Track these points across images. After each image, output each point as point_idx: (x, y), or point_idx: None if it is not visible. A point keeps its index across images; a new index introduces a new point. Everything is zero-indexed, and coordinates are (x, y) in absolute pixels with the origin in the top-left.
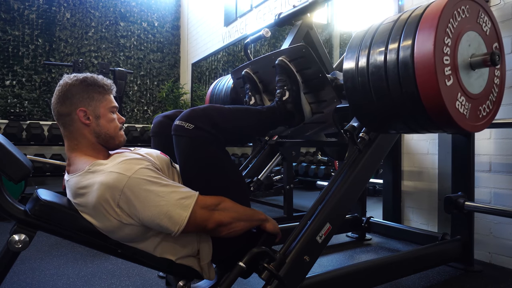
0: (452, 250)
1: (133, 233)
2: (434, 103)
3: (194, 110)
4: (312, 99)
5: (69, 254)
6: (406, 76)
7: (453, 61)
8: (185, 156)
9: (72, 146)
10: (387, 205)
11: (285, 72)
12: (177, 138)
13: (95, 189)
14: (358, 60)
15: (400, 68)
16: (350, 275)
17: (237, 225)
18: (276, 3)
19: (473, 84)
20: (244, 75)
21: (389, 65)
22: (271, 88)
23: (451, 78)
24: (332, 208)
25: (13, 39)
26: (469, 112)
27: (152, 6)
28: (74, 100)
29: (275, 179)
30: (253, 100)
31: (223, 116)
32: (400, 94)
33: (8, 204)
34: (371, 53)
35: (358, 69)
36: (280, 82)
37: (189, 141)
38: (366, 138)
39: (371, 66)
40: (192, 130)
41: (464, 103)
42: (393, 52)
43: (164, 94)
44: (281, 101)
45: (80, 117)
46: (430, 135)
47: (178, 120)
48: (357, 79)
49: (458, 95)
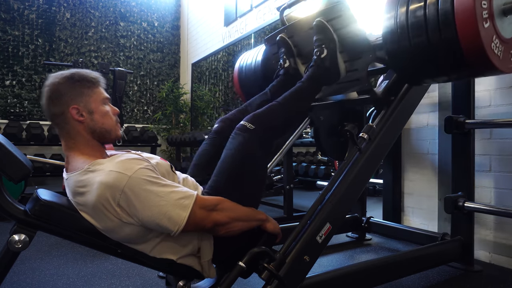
0: (452, 250)
1: (133, 233)
2: (473, 43)
3: (255, 114)
4: (347, 57)
5: (69, 254)
6: (445, 22)
7: (490, 6)
8: (238, 146)
9: (69, 145)
10: (387, 205)
11: (323, 32)
12: (237, 134)
13: (95, 188)
14: (397, 13)
15: (440, 16)
16: (350, 275)
17: (235, 225)
18: (276, 3)
19: (506, 29)
20: (279, 40)
21: (429, 14)
22: (305, 52)
23: (488, 22)
24: (332, 208)
25: (13, 39)
26: (502, 54)
27: (152, 6)
28: (64, 99)
29: (275, 179)
30: (288, 63)
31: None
32: (440, 40)
33: (8, 204)
34: (410, 8)
35: (398, 23)
36: (318, 41)
37: (248, 137)
38: (366, 138)
39: (410, 17)
40: (252, 130)
41: (498, 45)
42: (432, 3)
43: (164, 94)
44: (320, 58)
45: (73, 115)
46: (430, 134)
47: (243, 121)
48: (397, 31)
49: (494, 37)
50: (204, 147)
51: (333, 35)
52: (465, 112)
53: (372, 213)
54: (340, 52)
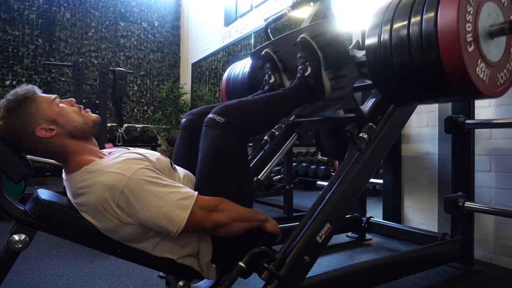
0: (452, 250)
1: (133, 233)
2: (456, 68)
3: (226, 106)
4: (332, 75)
5: (69, 254)
6: (429, 45)
7: (475, 28)
8: (211, 145)
9: (64, 158)
10: (387, 205)
11: (306, 49)
12: (207, 129)
13: (95, 189)
14: (381, 33)
15: (423, 37)
16: (350, 275)
17: (236, 225)
18: (276, 3)
19: (492, 52)
20: (264, 54)
21: (412, 37)
22: (291, 67)
23: (472, 45)
24: (332, 208)
25: (13, 39)
26: (488, 78)
27: (152, 6)
28: (24, 132)
29: (275, 179)
30: (273, 78)
31: (252, 109)
32: (423, 63)
33: (8, 204)
34: (394, 26)
35: (381, 41)
36: (302, 59)
37: (219, 133)
38: (366, 138)
39: (394, 38)
40: (222, 124)
41: (484, 69)
42: (416, 23)
43: (164, 94)
44: (303, 76)
45: (44, 135)
46: (430, 134)
47: (211, 113)
48: (380, 51)
49: (479, 61)
50: (177, 146)
51: (317, 52)
52: (465, 112)
53: (372, 213)
54: (326, 70)
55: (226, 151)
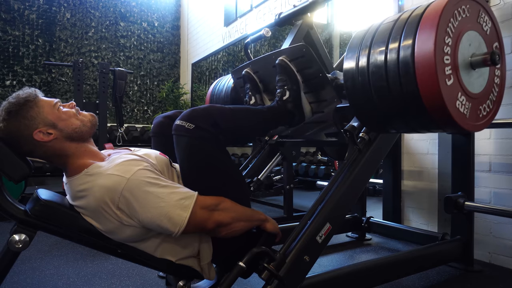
0: (452, 250)
1: (134, 234)
2: (434, 102)
3: (194, 110)
4: (312, 98)
5: (69, 254)
6: (406, 75)
7: (454, 60)
8: (185, 155)
9: (63, 161)
10: (387, 205)
11: (285, 71)
12: (177, 137)
13: (95, 191)
14: (359, 59)
15: (400, 67)
16: (350, 275)
17: (237, 225)
18: (276, 3)
19: (474, 83)
20: (244, 74)
21: (389, 65)
22: (272, 88)
23: (452, 78)
24: (332, 208)
25: (13, 39)
26: (469, 111)
27: (152, 6)
28: (23, 135)
29: (275, 179)
30: (253, 99)
31: (224, 116)
32: (401, 94)
33: (8, 204)
34: (372, 53)
35: (359, 68)
36: (281, 82)
37: (190, 141)
38: (366, 138)
39: (371, 65)
40: (193, 130)
41: (464, 102)
42: (393, 51)
43: (164, 94)
44: (282, 100)
45: (42, 139)
46: (430, 135)
47: (178, 120)
48: (358, 79)
49: (459, 94)
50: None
51: (296, 75)
52: None
53: (372, 213)
54: (306, 93)
55: (201, 156)
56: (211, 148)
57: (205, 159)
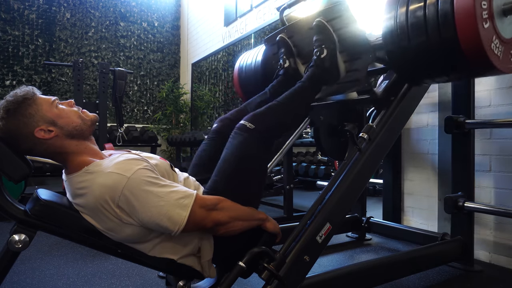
0: (452, 250)
1: (133, 233)
2: (473, 44)
3: (255, 114)
4: (347, 57)
5: (69, 254)
6: (445, 23)
7: (489, 7)
8: (238, 146)
9: (63, 158)
10: (387, 205)
11: (323, 32)
12: (237, 134)
13: (94, 190)
14: (397, 14)
15: (440, 16)
16: (350, 275)
17: (235, 224)
18: (276, 3)
19: (506, 29)
20: (279, 40)
21: (428, 15)
22: (305, 53)
23: (488, 22)
24: (332, 208)
25: (13, 39)
26: (502, 54)
27: (152, 6)
28: (23, 133)
29: (275, 179)
30: (288, 63)
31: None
32: (439, 40)
33: (8, 204)
34: (410, 8)
35: (398, 23)
36: (318, 42)
37: (247, 137)
38: (366, 138)
39: (410, 17)
40: (252, 130)
41: (498, 45)
42: (432, 4)
43: (164, 94)
44: (319, 59)
45: (42, 136)
46: (430, 134)
47: (243, 120)
48: (396, 32)
49: (493, 37)
50: (203, 147)
51: (333, 35)
52: (465, 112)
53: (372, 213)
54: (340, 52)
55: (250, 153)
56: (260, 149)
57: (252, 155)
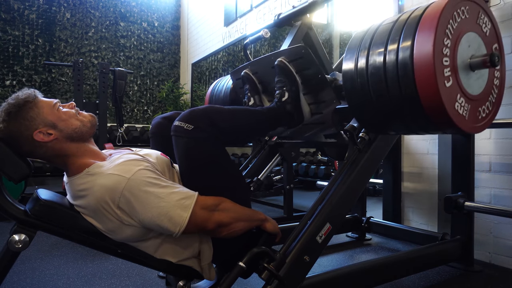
0: (452, 250)
1: (134, 234)
2: (433, 104)
3: (193, 111)
4: (311, 99)
5: (69, 254)
6: (405, 77)
7: (453, 62)
8: (184, 156)
9: (63, 161)
10: (387, 205)
11: (284, 73)
12: (176, 138)
13: (95, 191)
14: (357, 61)
15: (399, 69)
16: (350, 275)
17: (237, 225)
18: (276, 3)
19: (473, 85)
20: (243, 75)
21: (388, 66)
22: (271, 89)
23: (451, 79)
24: (332, 208)
25: (13, 39)
26: (468, 113)
27: (152, 6)
28: (23, 135)
29: (275, 179)
30: (252, 100)
31: (223, 116)
32: (400, 95)
33: (8, 204)
34: (370, 54)
35: (357, 70)
36: (280, 83)
37: (188, 142)
38: (366, 138)
39: (370, 67)
40: (192, 131)
41: (463, 104)
42: (392, 53)
43: (164, 94)
44: (281, 102)
45: (42, 139)
46: (430, 135)
47: (177, 120)
48: (357, 80)
49: (458, 96)
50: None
51: (295, 76)
52: None
53: (372, 213)
54: (305, 94)
55: (200, 157)
56: (209, 148)
57: (204, 159)
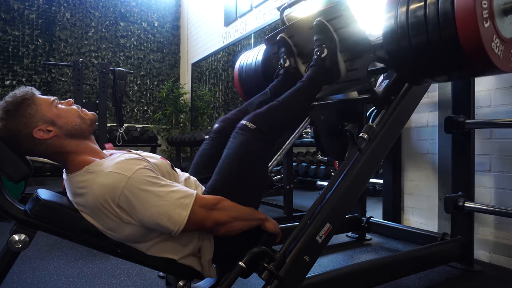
0: (452, 250)
1: (133, 233)
2: (473, 43)
3: (256, 113)
4: (347, 56)
5: (69, 254)
6: (446, 22)
7: (490, 6)
8: (239, 145)
9: (63, 158)
10: (387, 205)
11: (323, 31)
12: (238, 133)
13: (94, 189)
14: (397, 14)
15: (440, 16)
16: (350, 275)
17: (236, 224)
18: (276, 3)
19: (506, 28)
20: (279, 39)
21: (429, 14)
22: (306, 52)
23: (488, 21)
24: (332, 208)
25: (13, 39)
26: (502, 53)
27: (152, 6)
28: (22, 133)
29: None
30: (288, 62)
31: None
32: (440, 39)
33: (8, 204)
34: (410, 8)
35: (398, 22)
36: (318, 41)
37: (248, 136)
38: (366, 138)
39: (410, 17)
40: (254, 130)
41: (498, 45)
42: (432, 3)
43: (164, 94)
44: (320, 58)
45: (41, 136)
46: (430, 134)
47: (244, 120)
48: (397, 31)
49: (494, 37)
50: (204, 147)
51: (333, 34)
52: (465, 112)
53: (372, 213)
54: (341, 52)
55: (251, 152)
56: (261, 148)
57: (253, 154)
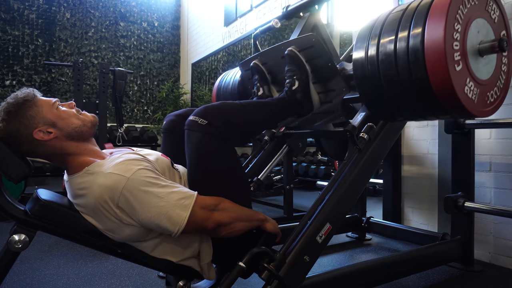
0: (452, 250)
1: (133, 233)
2: (443, 87)
3: (208, 107)
4: (321, 88)
5: (69, 254)
6: (416, 62)
7: (463, 47)
8: (195, 150)
9: (63, 159)
10: (387, 205)
11: (294, 62)
12: (189, 132)
13: (94, 190)
14: (368, 48)
15: (410, 54)
16: (350, 275)
17: (237, 225)
18: (276, 3)
19: (482, 70)
20: (252, 66)
21: (399, 53)
22: (280, 79)
23: (461, 64)
24: (332, 208)
25: (13, 39)
26: (477, 97)
27: (152, 6)
28: (23, 134)
29: (275, 179)
30: (262, 91)
31: (235, 111)
32: (410, 80)
33: (8, 204)
34: (381, 42)
35: (368, 57)
36: (290, 72)
37: (201, 136)
38: (366, 138)
39: (381, 54)
40: (205, 126)
41: (472, 88)
42: (403, 40)
43: (164, 94)
44: (291, 90)
45: (42, 138)
46: (430, 134)
47: (192, 115)
48: (367, 67)
49: (467, 80)
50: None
51: (305, 65)
52: None
53: (372, 213)
54: (314, 83)
55: (211, 153)
56: (220, 145)
57: (214, 155)
